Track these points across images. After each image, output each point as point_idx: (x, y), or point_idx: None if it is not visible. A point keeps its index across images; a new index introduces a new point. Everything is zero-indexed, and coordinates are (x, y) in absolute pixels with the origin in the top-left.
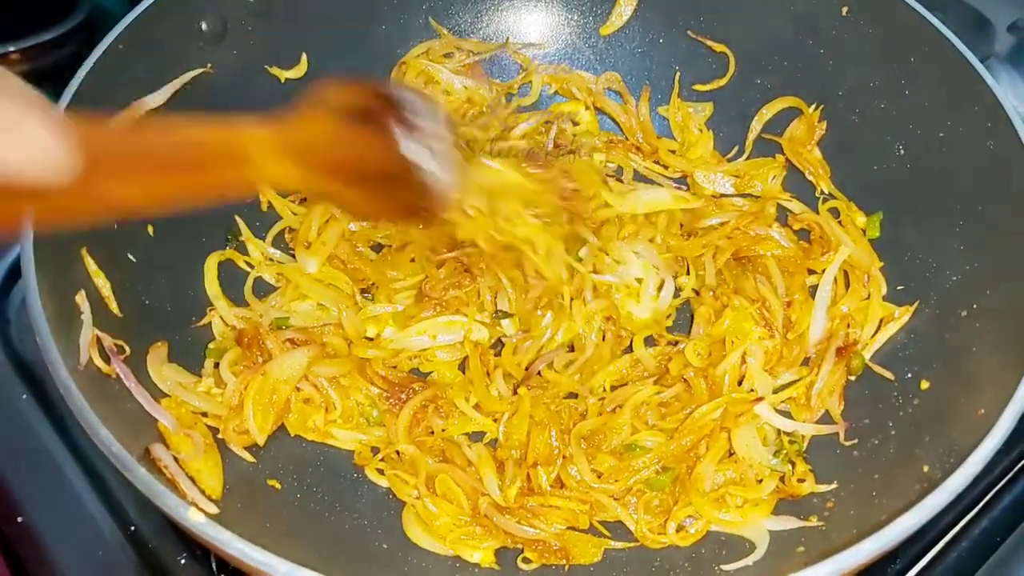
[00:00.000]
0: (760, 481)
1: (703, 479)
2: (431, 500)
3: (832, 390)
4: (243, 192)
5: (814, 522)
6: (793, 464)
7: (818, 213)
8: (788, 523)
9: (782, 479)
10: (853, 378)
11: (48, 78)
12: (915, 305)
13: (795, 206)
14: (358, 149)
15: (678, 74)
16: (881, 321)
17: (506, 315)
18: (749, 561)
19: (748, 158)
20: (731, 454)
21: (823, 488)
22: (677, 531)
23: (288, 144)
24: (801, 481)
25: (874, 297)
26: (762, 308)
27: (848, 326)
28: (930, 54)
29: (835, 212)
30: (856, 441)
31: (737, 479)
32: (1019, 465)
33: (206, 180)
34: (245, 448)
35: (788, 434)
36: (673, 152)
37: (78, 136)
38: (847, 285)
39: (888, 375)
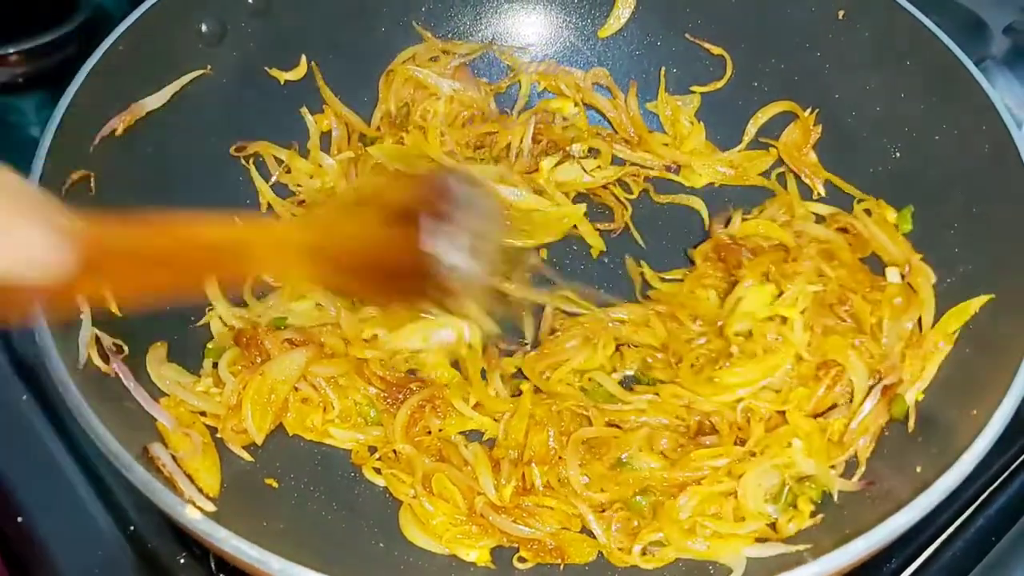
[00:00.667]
0: (743, 519)
1: (679, 509)
2: (427, 499)
3: (866, 429)
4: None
5: (800, 547)
6: (795, 507)
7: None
8: (771, 549)
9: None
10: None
11: (48, 80)
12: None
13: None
14: (378, 250)
15: (663, 70)
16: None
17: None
18: None
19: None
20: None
21: (811, 523)
22: (642, 554)
23: (297, 245)
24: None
25: (923, 290)
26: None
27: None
28: (925, 57)
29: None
30: None
31: (718, 513)
32: (1015, 464)
33: (205, 276)
34: (243, 447)
35: (806, 478)
36: (666, 145)
37: (74, 238)
38: None
39: None
